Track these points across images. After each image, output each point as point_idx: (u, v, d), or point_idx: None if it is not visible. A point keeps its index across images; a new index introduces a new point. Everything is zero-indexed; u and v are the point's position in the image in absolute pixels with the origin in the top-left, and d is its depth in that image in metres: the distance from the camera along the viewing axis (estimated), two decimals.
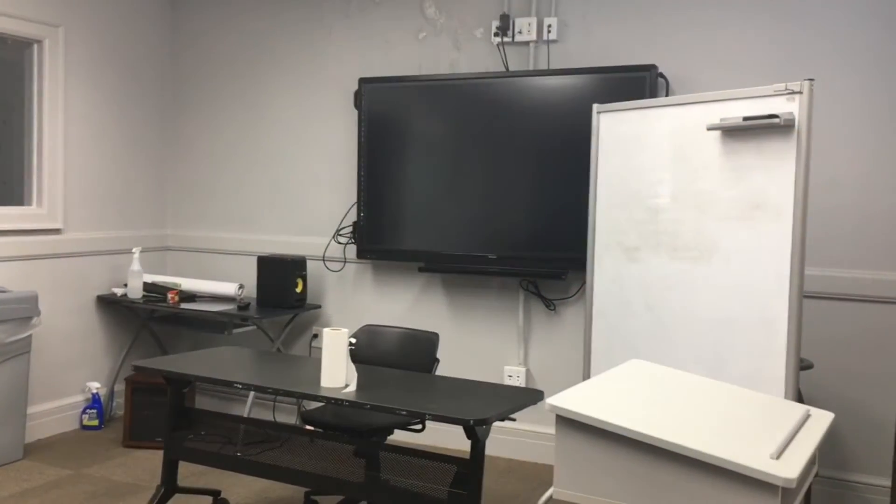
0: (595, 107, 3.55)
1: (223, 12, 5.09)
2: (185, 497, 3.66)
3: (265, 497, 3.75)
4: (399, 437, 3.46)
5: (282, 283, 4.57)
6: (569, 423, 2.02)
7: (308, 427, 3.32)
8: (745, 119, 2.96)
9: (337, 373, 2.91)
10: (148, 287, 4.76)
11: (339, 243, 4.77)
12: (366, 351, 3.60)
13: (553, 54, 4.23)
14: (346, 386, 2.91)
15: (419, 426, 3.30)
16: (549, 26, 4.20)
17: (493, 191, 4.21)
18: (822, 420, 2.22)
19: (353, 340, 2.99)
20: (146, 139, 5.14)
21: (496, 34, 4.31)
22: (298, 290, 4.59)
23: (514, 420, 2.86)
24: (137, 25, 5.02)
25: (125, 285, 4.78)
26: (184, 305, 4.57)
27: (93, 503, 3.62)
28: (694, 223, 3.18)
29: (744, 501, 1.78)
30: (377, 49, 4.65)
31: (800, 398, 3.00)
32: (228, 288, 4.72)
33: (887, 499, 3.61)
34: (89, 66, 4.72)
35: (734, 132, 3.04)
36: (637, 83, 3.87)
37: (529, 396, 2.91)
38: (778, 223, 2.91)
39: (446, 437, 4.36)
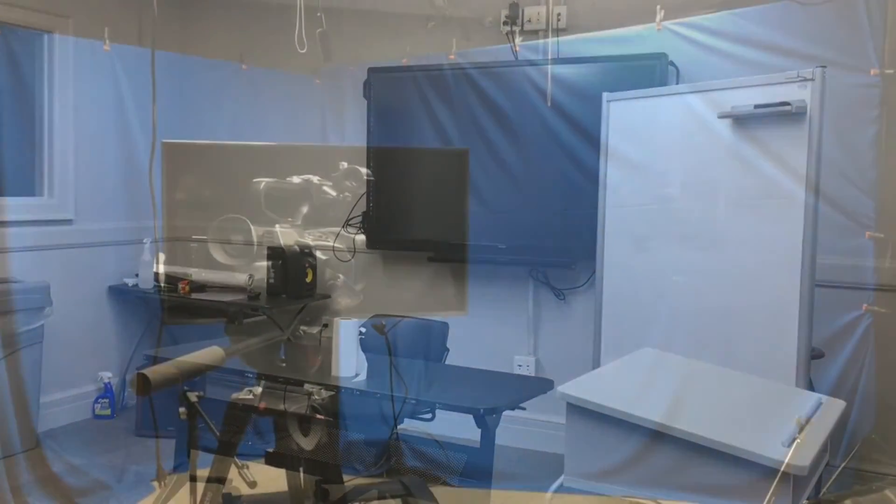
0: (605, 95, 3.54)
1: (230, 0, 5.08)
2: (196, 485, 3.68)
3: (276, 486, 3.77)
4: (409, 425, 3.46)
5: (291, 273, 4.57)
6: (579, 411, 2.02)
7: (318, 416, 3.33)
8: (757, 107, 2.95)
9: (347, 362, 2.92)
10: (158, 277, 4.78)
11: (349, 233, 4.76)
12: (376, 340, 3.60)
13: (562, 43, 4.20)
14: (357, 375, 2.92)
15: (429, 415, 3.30)
16: (559, 15, 4.17)
17: (503, 180, 4.20)
18: (833, 408, 2.22)
19: (363, 330, 2.99)
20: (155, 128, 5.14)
21: (505, 23, 4.29)
22: (308, 279, 4.59)
23: (524, 409, 2.86)
24: (145, 15, 5.02)
25: (136, 276, 4.80)
26: (194, 295, 4.58)
27: (105, 492, 3.64)
28: (704, 212, 3.17)
29: (755, 488, 1.79)
30: (386, 38, 4.63)
31: (810, 387, 2.99)
32: (238, 278, 4.72)
33: None
34: (99, 56, 4.72)
35: (745, 120, 3.03)
36: (647, 71, 3.84)
37: (539, 385, 2.92)
38: (789, 211, 2.90)
39: (456, 426, 4.34)
